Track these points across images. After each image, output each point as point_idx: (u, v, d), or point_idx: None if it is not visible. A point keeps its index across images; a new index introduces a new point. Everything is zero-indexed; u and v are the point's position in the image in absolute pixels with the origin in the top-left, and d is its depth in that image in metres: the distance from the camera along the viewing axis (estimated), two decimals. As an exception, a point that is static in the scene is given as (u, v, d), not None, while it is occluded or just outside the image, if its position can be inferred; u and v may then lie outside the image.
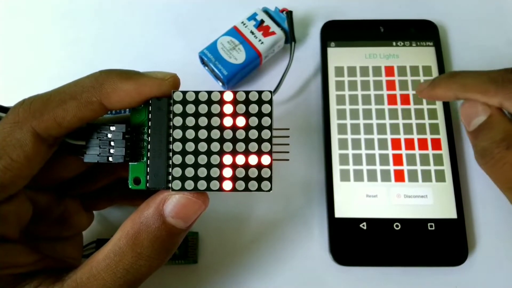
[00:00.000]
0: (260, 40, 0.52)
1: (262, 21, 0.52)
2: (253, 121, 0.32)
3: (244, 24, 0.52)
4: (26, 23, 0.59)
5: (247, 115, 0.32)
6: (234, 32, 0.52)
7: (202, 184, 0.32)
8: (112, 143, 0.33)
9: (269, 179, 0.32)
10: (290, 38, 0.53)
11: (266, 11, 0.53)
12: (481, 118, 0.35)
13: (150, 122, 0.33)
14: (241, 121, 0.32)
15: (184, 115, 0.33)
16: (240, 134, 0.32)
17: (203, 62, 0.53)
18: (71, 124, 0.32)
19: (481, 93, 0.35)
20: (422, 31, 0.55)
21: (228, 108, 0.33)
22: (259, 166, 0.32)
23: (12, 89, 0.52)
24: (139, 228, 0.32)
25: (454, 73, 0.37)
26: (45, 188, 0.39)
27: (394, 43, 0.54)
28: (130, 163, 0.34)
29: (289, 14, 0.53)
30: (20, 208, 0.34)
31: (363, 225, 0.47)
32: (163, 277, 0.46)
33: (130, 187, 0.34)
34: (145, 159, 0.34)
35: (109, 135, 0.33)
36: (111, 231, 0.46)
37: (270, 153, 0.32)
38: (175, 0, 0.59)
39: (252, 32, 0.52)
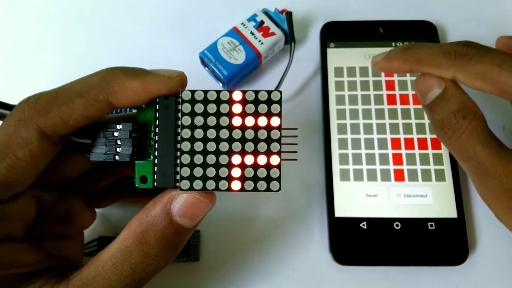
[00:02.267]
0: (260, 41, 0.51)
1: (262, 22, 0.52)
2: (262, 121, 0.32)
3: (244, 25, 0.52)
4: (25, 23, 0.58)
5: (256, 115, 0.32)
6: (234, 33, 0.52)
7: (210, 184, 0.32)
8: (118, 142, 0.33)
9: (278, 179, 0.32)
10: (290, 38, 0.52)
11: (266, 12, 0.53)
12: (436, 91, 0.35)
13: (157, 121, 0.33)
14: (250, 121, 0.32)
15: (192, 114, 0.32)
16: (249, 134, 0.32)
17: (203, 62, 0.53)
18: (77, 122, 0.32)
19: (434, 67, 0.35)
20: (421, 32, 0.54)
21: (237, 108, 0.32)
22: (268, 166, 0.32)
23: (12, 89, 0.51)
24: (146, 227, 0.32)
25: (409, 46, 0.37)
26: (50, 187, 0.38)
27: (393, 44, 0.54)
28: (136, 162, 0.33)
29: (289, 15, 0.53)
30: (25, 207, 0.34)
31: (363, 225, 0.47)
32: (165, 275, 0.45)
33: (136, 185, 0.33)
34: (151, 157, 0.33)
35: (116, 134, 0.33)
36: (112, 229, 0.46)
37: (279, 153, 0.32)
38: (176, 1, 0.58)
39: (252, 33, 0.52)
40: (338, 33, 0.55)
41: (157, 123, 0.33)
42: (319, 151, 0.51)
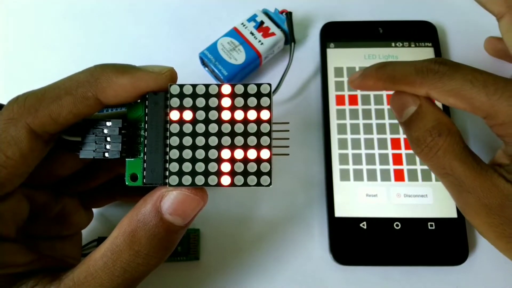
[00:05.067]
0: (260, 41, 0.51)
1: (262, 22, 0.51)
2: (252, 114, 0.31)
3: (244, 25, 0.51)
4: (27, 24, 0.58)
5: (245, 108, 0.31)
6: (234, 33, 0.51)
7: (200, 179, 0.31)
8: (108, 139, 0.32)
9: (269, 173, 0.31)
10: (290, 39, 0.52)
11: (265, 13, 0.52)
12: (411, 109, 0.35)
13: (146, 117, 0.32)
14: (239, 115, 0.31)
15: (181, 108, 0.31)
16: (239, 127, 0.31)
17: (203, 62, 0.52)
18: (66, 120, 0.31)
19: (408, 85, 0.34)
20: (421, 32, 0.54)
21: (226, 102, 0.31)
22: (258, 161, 0.31)
23: (12, 89, 0.51)
24: (136, 226, 0.31)
25: (383, 64, 0.36)
26: (43, 186, 0.37)
27: (393, 44, 0.53)
28: (126, 159, 0.33)
29: (289, 15, 0.52)
30: (17, 207, 0.33)
31: (363, 225, 0.46)
32: (165, 274, 0.46)
33: (126, 183, 0.33)
34: (142, 155, 0.32)
35: (105, 131, 0.32)
36: (112, 229, 0.45)
37: (269, 147, 0.31)
38: (176, 1, 0.58)
39: (252, 33, 0.51)
40: (338, 33, 0.54)
41: (146, 119, 0.32)
42: (319, 151, 0.50)
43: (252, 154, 0.31)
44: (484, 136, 0.50)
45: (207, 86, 0.31)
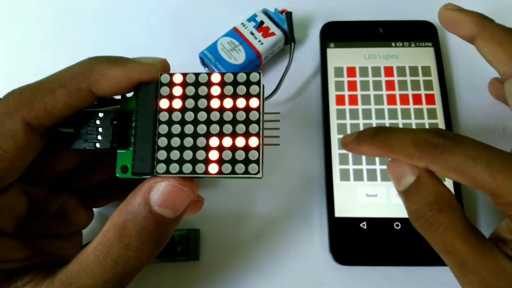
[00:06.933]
0: (260, 41, 0.51)
1: (261, 22, 0.52)
2: (241, 102, 0.31)
3: (244, 25, 0.52)
4: (27, 23, 0.58)
5: (235, 96, 0.31)
6: (234, 33, 0.51)
7: (187, 168, 0.31)
8: (100, 130, 0.32)
9: (257, 161, 0.31)
10: (290, 39, 0.52)
11: (265, 13, 0.52)
12: (409, 179, 0.33)
13: (137, 107, 0.32)
14: (228, 103, 0.31)
15: (170, 97, 0.32)
16: (228, 115, 0.31)
17: (203, 62, 0.52)
18: (61, 112, 0.32)
19: (406, 156, 0.32)
20: (421, 32, 0.54)
21: (215, 90, 0.31)
22: (247, 148, 0.31)
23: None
24: (126, 218, 0.31)
25: (379, 130, 0.34)
26: (41, 182, 0.37)
27: (393, 44, 0.53)
28: (118, 151, 0.33)
29: (289, 15, 0.52)
30: (14, 201, 0.34)
31: (363, 225, 0.46)
32: (165, 274, 0.46)
33: (117, 175, 0.33)
34: (132, 146, 0.32)
35: (97, 122, 0.33)
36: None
37: (258, 135, 0.31)
38: (176, 1, 0.58)
39: (252, 33, 0.51)
40: (338, 33, 0.54)
41: (137, 110, 0.32)
42: (319, 151, 0.50)
43: (240, 142, 0.31)
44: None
45: (197, 74, 0.32)
